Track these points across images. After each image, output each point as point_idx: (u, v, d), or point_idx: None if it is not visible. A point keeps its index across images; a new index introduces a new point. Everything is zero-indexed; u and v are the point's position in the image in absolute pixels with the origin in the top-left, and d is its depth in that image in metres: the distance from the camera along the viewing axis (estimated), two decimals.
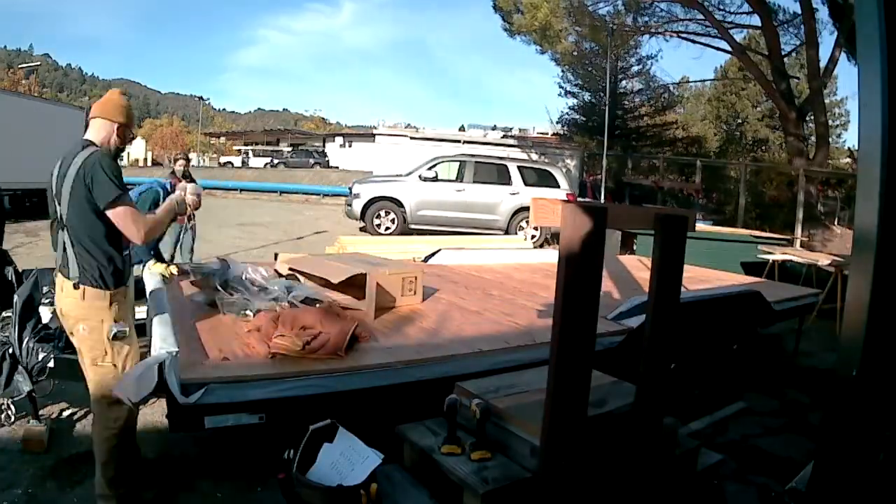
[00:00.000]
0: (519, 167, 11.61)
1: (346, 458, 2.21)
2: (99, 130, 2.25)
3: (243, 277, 3.15)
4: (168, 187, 4.23)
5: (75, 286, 2.13)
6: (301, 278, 3.69)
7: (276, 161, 31.03)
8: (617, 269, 5.27)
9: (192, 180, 5.20)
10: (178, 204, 2.48)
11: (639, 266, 5.47)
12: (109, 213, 2.12)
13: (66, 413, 3.18)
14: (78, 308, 2.16)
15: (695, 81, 29.28)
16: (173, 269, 3.86)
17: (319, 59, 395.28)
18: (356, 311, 3.16)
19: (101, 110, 2.27)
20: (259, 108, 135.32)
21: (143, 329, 3.35)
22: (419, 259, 5.36)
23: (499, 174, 11.38)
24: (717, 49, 17.46)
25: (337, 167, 26.81)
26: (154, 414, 3.13)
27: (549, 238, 10.91)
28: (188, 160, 6.18)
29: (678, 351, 2.85)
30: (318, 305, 2.96)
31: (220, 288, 3.12)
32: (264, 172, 26.10)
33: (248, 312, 2.89)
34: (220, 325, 2.80)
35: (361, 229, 11.06)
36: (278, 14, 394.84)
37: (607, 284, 4.32)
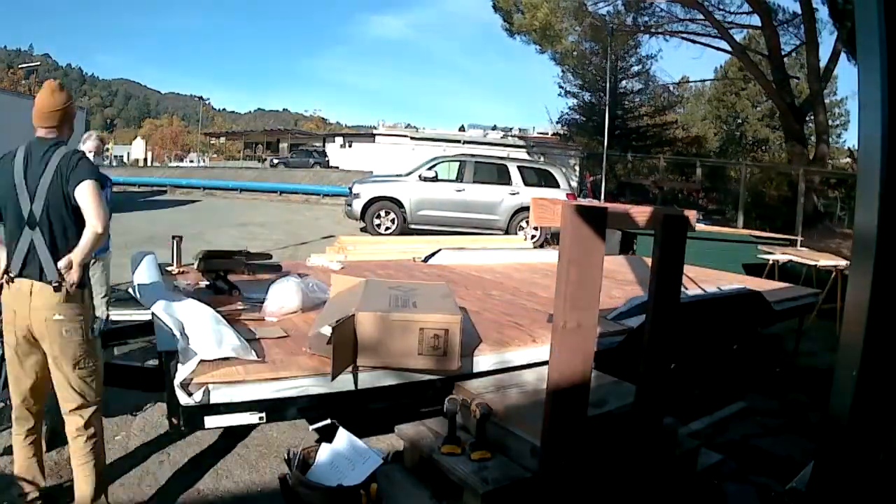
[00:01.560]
0: (519, 167, 11.59)
1: (346, 458, 2.22)
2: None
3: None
4: None
5: (56, 288, 2.03)
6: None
7: (275, 161, 31.08)
8: (617, 268, 5.27)
9: None
10: None
11: (639, 266, 5.46)
12: (80, 188, 2.02)
13: None
14: (60, 311, 2.06)
15: (695, 81, 29.36)
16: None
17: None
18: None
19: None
20: (259, 108, 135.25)
21: (142, 328, 3.36)
22: (419, 259, 5.36)
23: (499, 174, 11.36)
24: (717, 49, 17.53)
25: (337, 167, 26.80)
26: (154, 414, 3.13)
27: (549, 238, 10.89)
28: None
29: (678, 351, 2.84)
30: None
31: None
32: (264, 172, 26.10)
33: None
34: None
35: (362, 229, 11.05)
36: None
37: (607, 284, 4.31)
